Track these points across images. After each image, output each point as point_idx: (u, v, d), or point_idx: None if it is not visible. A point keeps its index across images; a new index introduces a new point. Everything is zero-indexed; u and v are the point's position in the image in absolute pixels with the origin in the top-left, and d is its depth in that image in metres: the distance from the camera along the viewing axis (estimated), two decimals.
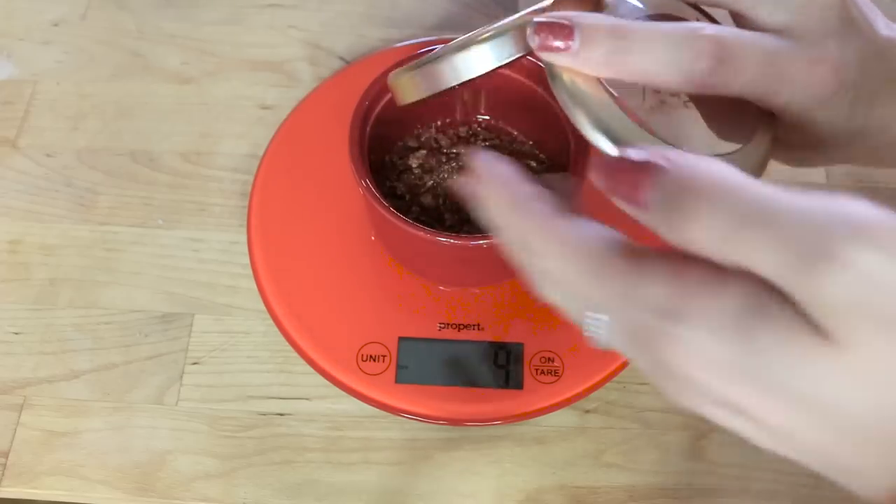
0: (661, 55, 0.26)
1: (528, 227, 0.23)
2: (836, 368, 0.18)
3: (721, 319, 0.19)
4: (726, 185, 0.19)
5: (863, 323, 0.17)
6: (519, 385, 0.42)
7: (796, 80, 0.28)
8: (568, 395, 0.42)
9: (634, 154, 0.21)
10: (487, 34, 0.30)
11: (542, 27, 0.27)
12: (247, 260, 0.46)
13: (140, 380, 0.45)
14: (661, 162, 0.20)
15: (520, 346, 0.43)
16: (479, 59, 0.30)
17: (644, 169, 0.20)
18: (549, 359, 0.43)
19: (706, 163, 0.20)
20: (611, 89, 0.28)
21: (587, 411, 0.44)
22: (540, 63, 0.28)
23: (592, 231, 0.22)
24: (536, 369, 0.42)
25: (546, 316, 0.44)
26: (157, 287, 0.48)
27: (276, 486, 0.42)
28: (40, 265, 0.48)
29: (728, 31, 0.27)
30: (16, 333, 0.46)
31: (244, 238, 0.46)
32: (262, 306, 0.45)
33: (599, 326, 0.21)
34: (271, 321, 0.44)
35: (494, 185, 0.24)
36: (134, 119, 0.54)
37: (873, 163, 0.34)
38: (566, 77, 0.27)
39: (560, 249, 0.22)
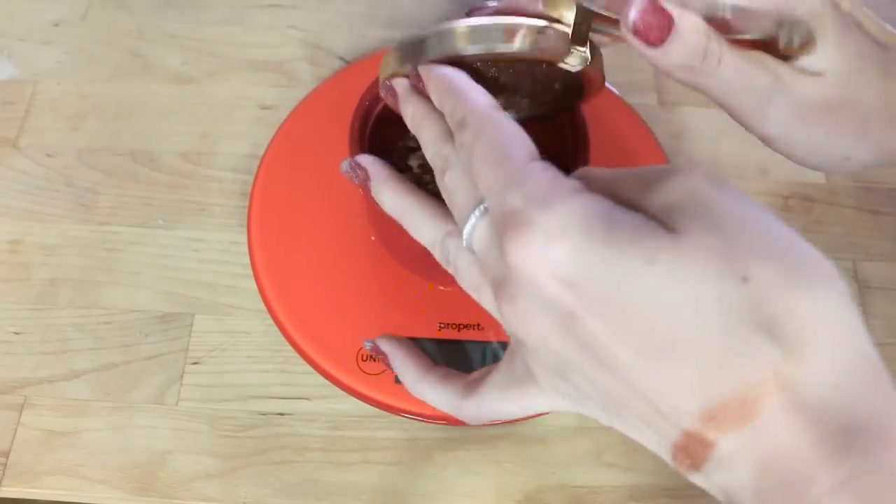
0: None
1: (465, 111, 0.26)
2: (670, 263, 0.19)
3: (579, 216, 0.20)
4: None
5: (697, 221, 0.19)
6: None
7: None
8: None
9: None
10: (484, 21, 0.29)
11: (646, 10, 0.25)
12: (247, 260, 0.46)
13: (140, 380, 0.45)
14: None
15: None
16: (460, 38, 0.28)
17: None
18: None
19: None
20: None
21: None
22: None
23: (508, 125, 0.25)
24: None
25: None
26: (158, 287, 0.48)
27: (276, 486, 0.42)
28: (40, 265, 0.49)
29: None
30: (16, 333, 0.46)
31: (244, 238, 0.46)
32: (262, 306, 0.45)
33: (473, 222, 0.25)
34: (271, 321, 0.44)
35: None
36: (134, 119, 0.54)
37: None
38: None
39: (485, 133, 0.25)
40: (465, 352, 0.43)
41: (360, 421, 0.44)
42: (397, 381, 0.42)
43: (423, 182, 0.46)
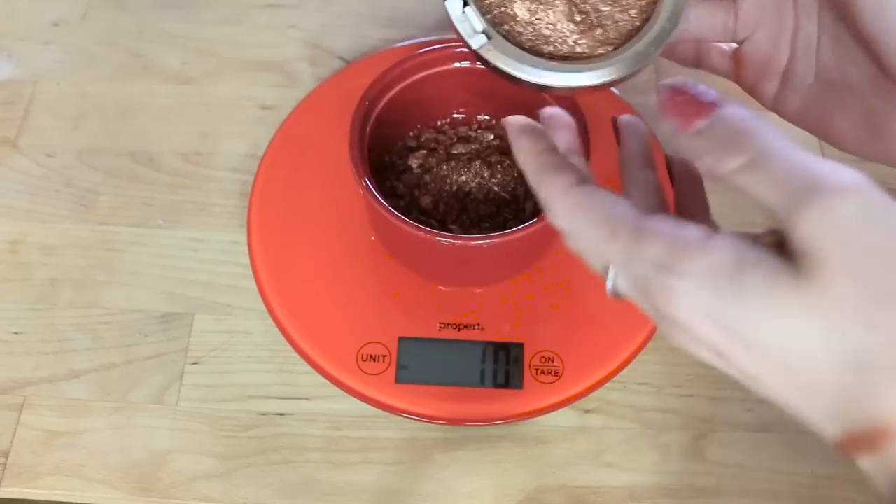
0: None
1: (551, 195, 0.26)
2: (801, 309, 0.21)
3: (707, 273, 0.22)
4: (762, 137, 0.22)
5: (827, 262, 0.20)
6: (519, 385, 0.42)
7: None
8: (568, 395, 0.42)
9: (703, 89, 0.24)
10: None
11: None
12: (247, 260, 0.46)
13: (140, 380, 0.45)
14: (721, 104, 0.24)
15: (520, 345, 0.43)
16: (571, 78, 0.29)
17: (707, 104, 0.24)
18: (549, 359, 0.43)
19: (753, 116, 0.23)
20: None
21: (587, 411, 0.44)
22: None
23: (604, 198, 0.25)
24: (536, 369, 0.42)
25: (546, 316, 0.44)
26: (158, 287, 0.48)
27: (276, 486, 0.42)
28: (40, 265, 0.49)
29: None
30: (16, 333, 0.46)
31: (244, 238, 0.46)
32: (262, 306, 0.45)
33: (612, 278, 0.25)
34: (271, 321, 0.44)
35: (522, 154, 0.28)
36: (134, 119, 0.54)
37: None
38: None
39: (576, 214, 0.25)
40: (466, 352, 0.43)
41: (360, 421, 0.44)
42: (397, 381, 0.43)
43: (423, 182, 0.46)
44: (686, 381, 0.45)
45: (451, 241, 0.39)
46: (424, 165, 0.46)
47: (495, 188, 0.45)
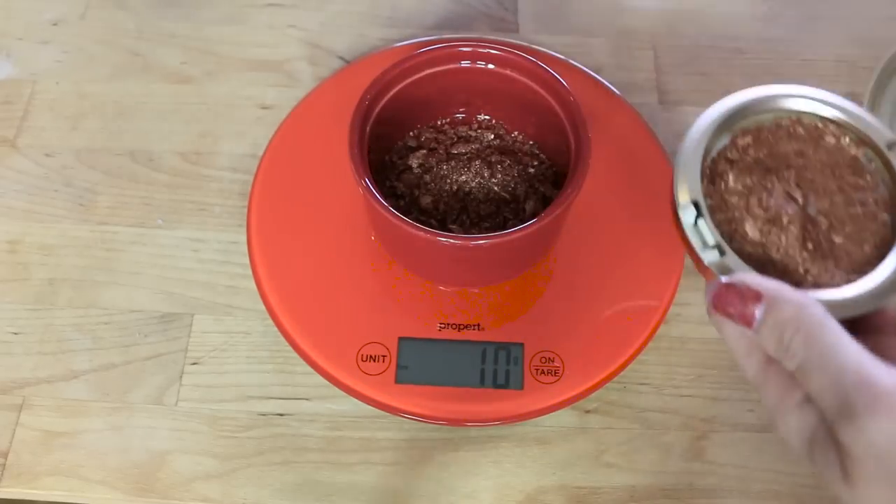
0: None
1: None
2: (848, 498, 0.24)
3: (793, 437, 0.26)
4: (807, 337, 0.25)
5: (867, 473, 0.23)
6: (519, 385, 0.42)
7: None
8: (568, 395, 0.42)
9: (745, 280, 0.26)
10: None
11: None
12: (246, 260, 0.46)
13: (139, 380, 0.45)
14: (763, 290, 0.26)
15: (520, 346, 0.43)
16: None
17: (750, 296, 0.26)
18: (549, 359, 0.43)
19: (799, 298, 0.26)
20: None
21: (587, 411, 0.44)
22: (542, 65, 0.28)
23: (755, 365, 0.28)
24: (536, 369, 0.42)
25: (546, 316, 0.44)
26: (157, 287, 0.48)
27: (276, 486, 0.42)
28: (39, 265, 0.48)
29: None
30: (15, 333, 0.46)
31: (244, 238, 0.46)
32: (261, 306, 0.44)
33: None
34: (271, 321, 0.44)
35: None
36: (133, 119, 0.54)
37: None
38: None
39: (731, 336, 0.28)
40: (466, 352, 0.43)
41: (360, 421, 0.44)
42: (397, 381, 0.42)
43: (423, 182, 0.46)
44: (686, 381, 0.45)
45: (451, 241, 0.38)
46: (424, 165, 0.46)
47: (495, 188, 0.45)
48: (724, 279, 0.27)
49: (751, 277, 0.27)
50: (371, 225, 0.46)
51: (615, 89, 0.51)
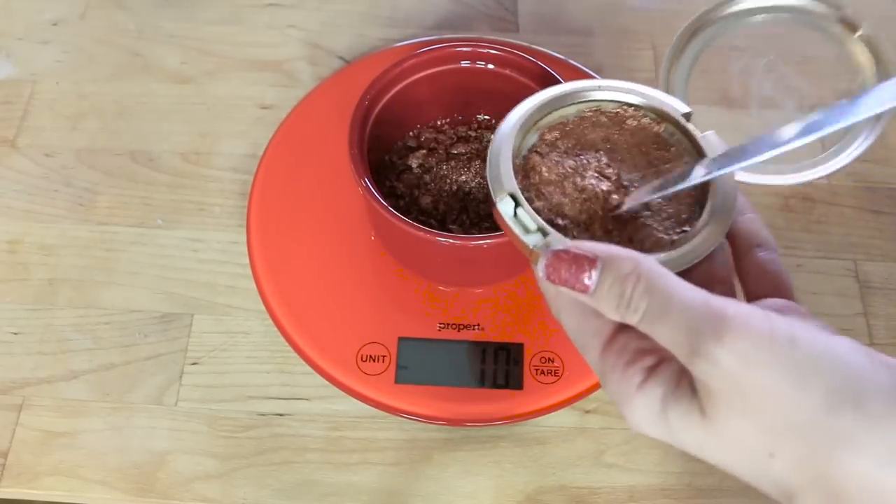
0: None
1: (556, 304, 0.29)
2: (711, 438, 0.25)
3: (644, 412, 0.26)
4: (647, 285, 0.25)
5: (724, 402, 0.24)
6: (519, 385, 0.42)
7: None
8: (568, 395, 0.42)
9: (578, 245, 0.26)
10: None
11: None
12: (246, 260, 0.46)
13: (139, 380, 0.45)
14: (598, 252, 0.26)
15: (520, 346, 0.43)
16: None
17: (585, 260, 0.26)
18: (549, 359, 0.43)
19: (633, 254, 0.25)
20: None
21: (587, 411, 0.44)
22: (542, 65, 0.28)
23: (591, 324, 0.28)
24: (536, 369, 0.42)
25: (546, 316, 0.44)
26: (157, 287, 0.48)
27: (276, 486, 0.42)
28: (39, 265, 0.48)
29: None
30: (15, 333, 0.46)
31: (244, 238, 0.46)
32: (261, 306, 0.44)
33: None
34: (271, 321, 0.44)
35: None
36: (133, 119, 0.54)
37: None
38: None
39: (569, 329, 0.29)
40: (465, 352, 0.43)
41: (360, 421, 0.44)
42: (397, 381, 0.42)
43: (423, 182, 0.46)
44: None
45: (451, 241, 0.38)
46: (424, 165, 0.46)
47: None
48: (556, 247, 0.27)
49: (582, 242, 0.27)
50: (371, 225, 0.46)
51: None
